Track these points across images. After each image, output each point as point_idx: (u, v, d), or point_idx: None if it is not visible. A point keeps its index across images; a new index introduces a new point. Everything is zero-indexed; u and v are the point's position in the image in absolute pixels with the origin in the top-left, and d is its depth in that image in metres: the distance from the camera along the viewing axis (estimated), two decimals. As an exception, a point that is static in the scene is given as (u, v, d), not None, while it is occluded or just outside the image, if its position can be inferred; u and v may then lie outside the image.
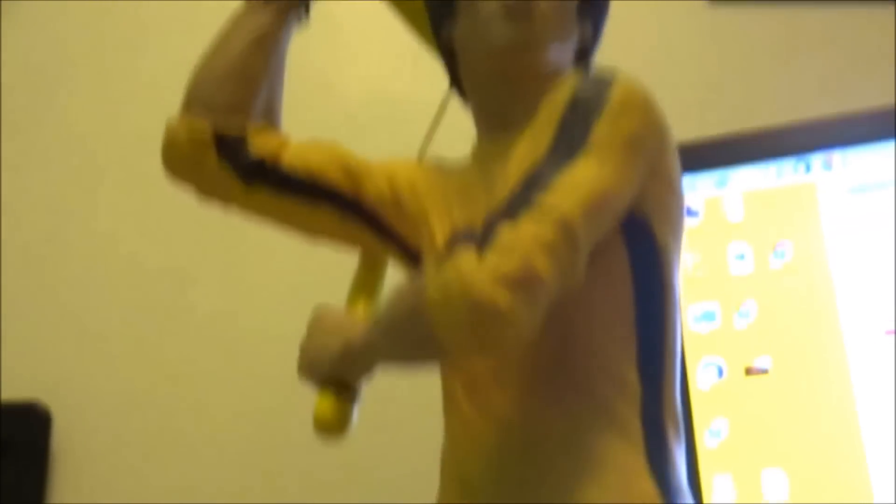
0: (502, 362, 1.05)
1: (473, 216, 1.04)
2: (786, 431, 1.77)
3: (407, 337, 0.98)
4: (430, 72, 1.35)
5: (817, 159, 1.85)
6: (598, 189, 0.94)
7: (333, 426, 1.09)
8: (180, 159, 1.18)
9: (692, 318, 1.86)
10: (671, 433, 1.03)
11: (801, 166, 1.85)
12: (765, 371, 1.81)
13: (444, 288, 0.91)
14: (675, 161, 1.05)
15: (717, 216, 1.89)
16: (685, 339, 1.82)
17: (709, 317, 1.86)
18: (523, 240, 0.91)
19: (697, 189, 1.90)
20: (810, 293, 1.81)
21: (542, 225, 0.91)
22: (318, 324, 1.10)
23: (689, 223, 1.89)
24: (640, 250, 1.03)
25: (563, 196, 0.93)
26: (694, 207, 1.90)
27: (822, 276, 1.81)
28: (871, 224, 1.80)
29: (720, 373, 1.83)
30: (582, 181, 0.94)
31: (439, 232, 1.13)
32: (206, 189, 1.20)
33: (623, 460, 1.00)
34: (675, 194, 1.05)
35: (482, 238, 0.93)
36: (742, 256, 1.86)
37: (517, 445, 1.03)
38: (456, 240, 0.95)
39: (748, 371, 1.82)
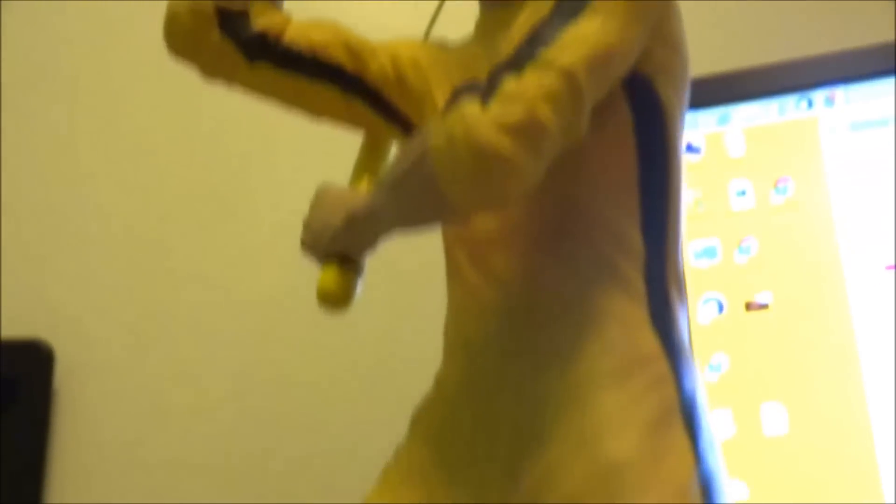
0: (506, 225, 1.05)
1: None
2: (785, 366, 1.77)
3: (411, 192, 0.97)
4: (431, 9, 1.35)
5: (819, 95, 1.85)
6: (603, 42, 0.94)
7: (338, 298, 1.09)
8: (182, 35, 1.17)
9: (693, 254, 1.86)
10: (674, 294, 1.03)
11: (804, 102, 1.86)
12: (765, 306, 1.81)
13: (447, 135, 0.91)
14: (678, 23, 1.05)
15: (719, 152, 1.89)
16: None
17: (709, 252, 1.86)
18: (527, 89, 0.91)
19: (699, 125, 1.90)
20: (811, 229, 1.81)
21: (547, 76, 0.91)
22: (321, 199, 1.10)
23: (690, 159, 1.91)
24: (643, 110, 1.03)
25: (567, 49, 0.93)
26: (695, 143, 1.90)
27: (822, 212, 1.81)
28: (872, 160, 1.80)
29: (720, 308, 1.83)
30: (586, 36, 0.94)
31: (442, 103, 1.12)
32: (209, 66, 1.19)
33: (623, 312, 1.00)
34: (679, 55, 1.05)
35: (486, 89, 0.93)
36: (743, 192, 1.86)
37: (521, 306, 1.03)
38: (459, 92, 0.94)
39: (748, 306, 1.82)
